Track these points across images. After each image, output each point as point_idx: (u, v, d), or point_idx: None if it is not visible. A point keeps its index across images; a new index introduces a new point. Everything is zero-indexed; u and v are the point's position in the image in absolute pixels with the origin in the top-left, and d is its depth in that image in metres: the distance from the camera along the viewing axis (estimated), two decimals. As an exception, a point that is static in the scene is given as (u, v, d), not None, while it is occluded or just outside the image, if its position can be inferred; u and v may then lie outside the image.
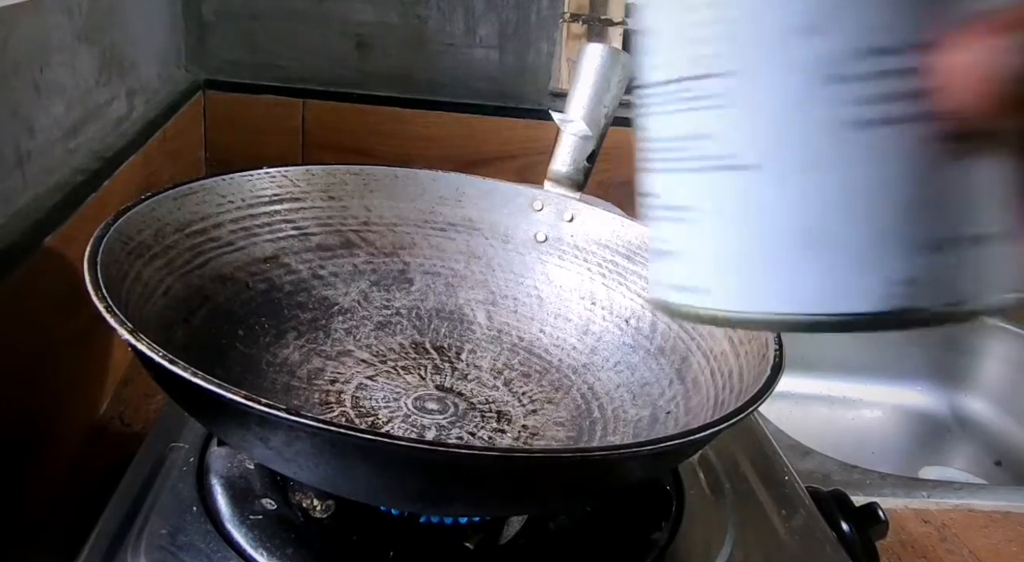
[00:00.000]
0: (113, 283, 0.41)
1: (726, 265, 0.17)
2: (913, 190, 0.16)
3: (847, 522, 0.51)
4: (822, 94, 0.16)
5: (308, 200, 0.59)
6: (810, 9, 0.15)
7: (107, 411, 0.65)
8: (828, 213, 0.16)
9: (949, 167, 0.16)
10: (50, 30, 0.59)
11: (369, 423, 0.48)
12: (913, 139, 0.15)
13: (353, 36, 0.98)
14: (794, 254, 0.16)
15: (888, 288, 0.16)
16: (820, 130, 0.16)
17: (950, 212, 0.16)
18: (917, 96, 0.15)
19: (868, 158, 0.16)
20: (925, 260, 0.16)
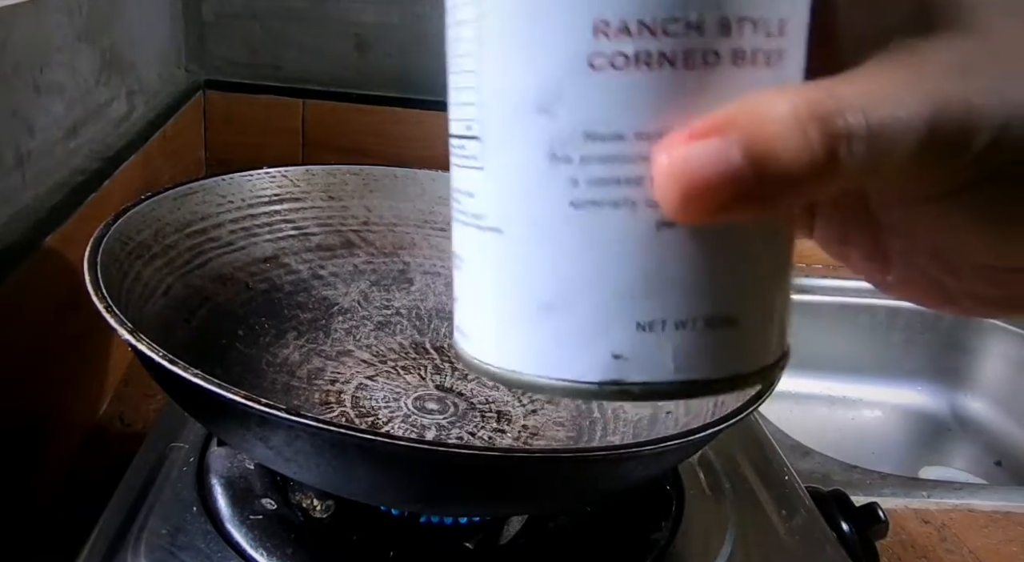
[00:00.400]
0: (113, 283, 0.41)
1: (480, 317, 0.19)
2: (627, 271, 0.17)
3: (847, 522, 0.51)
4: (550, 172, 0.16)
5: (308, 200, 0.59)
6: (541, 90, 0.16)
7: (107, 411, 0.65)
8: (558, 284, 0.17)
9: (661, 252, 0.17)
10: (50, 30, 0.59)
11: (369, 423, 0.48)
12: (628, 223, 0.16)
13: (353, 36, 0.98)
14: (531, 318, 0.18)
15: (605, 361, 0.17)
16: (549, 206, 0.17)
17: (661, 295, 0.17)
18: (630, 183, 0.16)
19: (589, 237, 0.17)
20: (634, 338, 0.17)
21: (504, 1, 0.16)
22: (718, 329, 0.17)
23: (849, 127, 0.15)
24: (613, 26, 0.15)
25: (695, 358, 0.17)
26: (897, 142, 0.15)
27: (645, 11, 0.15)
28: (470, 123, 0.18)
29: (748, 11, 0.16)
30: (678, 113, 0.16)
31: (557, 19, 0.16)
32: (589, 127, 0.16)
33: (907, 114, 0.15)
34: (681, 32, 0.15)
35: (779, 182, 0.15)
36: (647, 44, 0.15)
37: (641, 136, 0.16)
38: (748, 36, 0.16)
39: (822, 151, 0.15)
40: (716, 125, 0.15)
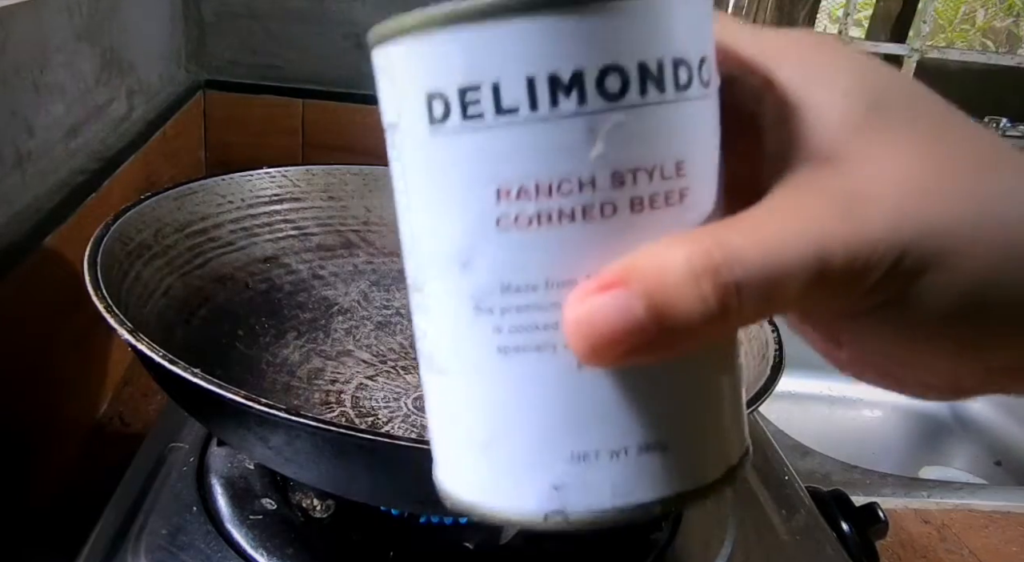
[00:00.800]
0: (113, 283, 0.41)
1: (439, 448, 0.20)
2: (554, 408, 0.18)
3: (847, 522, 0.51)
4: (476, 321, 0.18)
5: (308, 200, 0.59)
6: (460, 248, 0.18)
7: (107, 411, 0.65)
8: (496, 423, 0.18)
9: (585, 388, 0.18)
10: (50, 30, 0.59)
11: (369, 423, 0.48)
12: (550, 365, 0.18)
13: (353, 36, 0.98)
14: (476, 454, 0.19)
15: (544, 492, 0.18)
16: (480, 352, 0.18)
17: (591, 428, 0.18)
18: (548, 328, 0.17)
19: (517, 379, 0.18)
20: (571, 469, 0.18)
21: (422, 173, 0.18)
22: (651, 454, 0.18)
23: (737, 279, 0.16)
24: (513, 190, 0.17)
25: (632, 484, 0.18)
26: (786, 286, 0.16)
27: (541, 175, 0.17)
28: (415, 275, 0.19)
29: (640, 161, 0.17)
30: (583, 262, 0.17)
31: (465, 187, 0.17)
32: (505, 280, 0.17)
33: (796, 258, 0.16)
34: (575, 190, 0.17)
35: (679, 331, 0.16)
36: (545, 204, 0.17)
37: (551, 285, 0.17)
38: (643, 184, 0.17)
39: (715, 303, 0.16)
40: (618, 278, 0.16)
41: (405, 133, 0.18)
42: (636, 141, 0.17)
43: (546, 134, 0.17)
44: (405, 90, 0.18)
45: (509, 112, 0.17)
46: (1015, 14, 3.43)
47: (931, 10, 1.20)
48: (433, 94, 0.17)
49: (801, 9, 1.84)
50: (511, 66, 0.16)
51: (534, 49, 0.16)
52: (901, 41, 1.26)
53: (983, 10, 3.46)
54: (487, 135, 0.17)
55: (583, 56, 0.16)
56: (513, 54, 0.16)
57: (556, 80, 0.16)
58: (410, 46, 0.17)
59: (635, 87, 0.17)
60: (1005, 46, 3.34)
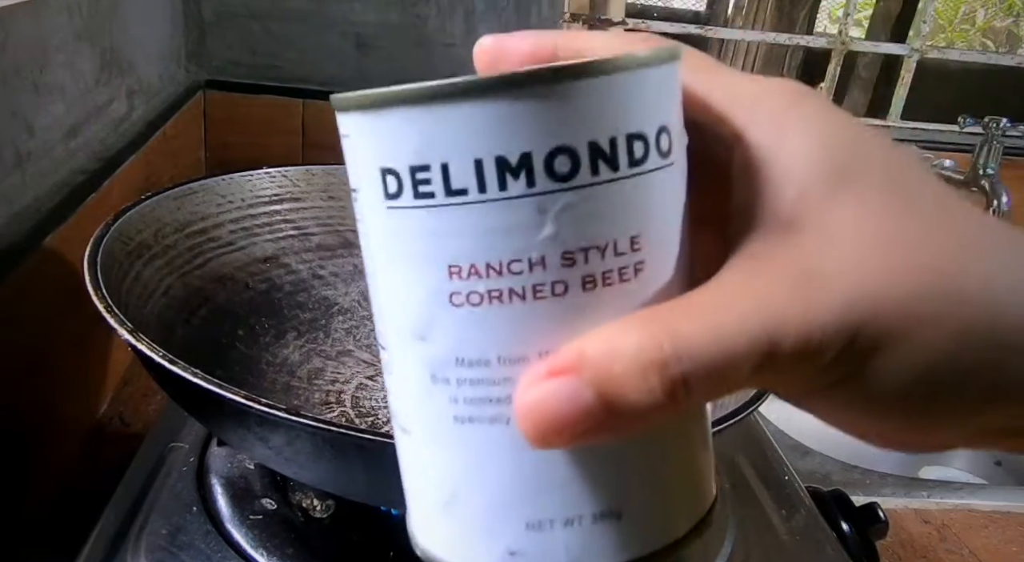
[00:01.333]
0: (113, 283, 0.41)
1: (409, 505, 0.20)
2: (508, 477, 0.18)
3: (847, 522, 0.51)
4: (433, 390, 0.18)
5: (308, 200, 0.59)
6: (417, 320, 0.18)
7: (107, 411, 0.65)
8: (454, 486, 0.19)
9: (537, 461, 0.18)
10: (50, 30, 0.59)
11: (369, 423, 0.48)
12: (503, 436, 0.18)
13: (353, 36, 0.98)
14: (438, 512, 0.19)
15: (500, 556, 0.18)
16: (437, 419, 0.18)
17: (544, 498, 0.18)
18: (500, 402, 0.18)
19: (473, 448, 0.18)
20: (526, 536, 0.18)
21: (381, 242, 0.18)
22: (606, 522, 0.18)
23: (684, 371, 0.16)
24: (464, 269, 0.17)
25: (587, 551, 0.18)
26: (736, 370, 0.17)
27: (491, 255, 0.17)
28: (380, 336, 0.20)
29: (591, 240, 0.17)
30: (534, 340, 0.17)
31: (418, 263, 0.18)
32: (459, 353, 0.18)
33: (746, 342, 0.16)
34: (525, 270, 0.17)
35: (627, 416, 0.16)
36: (496, 283, 0.17)
37: (503, 361, 0.17)
38: (595, 262, 0.17)
39: (663, 394, 0.16)
40: (568, 365, 0.17)
41: (364, 201, 0.18)
42: (587, 220, 0.17)
43: (495, 215, 0.17)
44: (363, 161, 0.18)
45: (458, 193, 0.17)
46: (1015, 14, 3.43)
47: (931, 10, 1.20)
48: (387, 170, 0.17)
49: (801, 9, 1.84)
50: (459, 148, 0.16)
51: (481, 132, 0.16)
52: (901, 41, 1.26)
53: (983, 10, 3.46)
54: (437, 214, 0.17)
55: (531, 139, 0.16)
56: (462, 136, 0.16)
57: (504, 162, 0.16)
58: (366, 121, 0.18)
59: (586, 166, 0.16)
60: (1005, 46, 3.34)
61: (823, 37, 1.31)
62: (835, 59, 1.19)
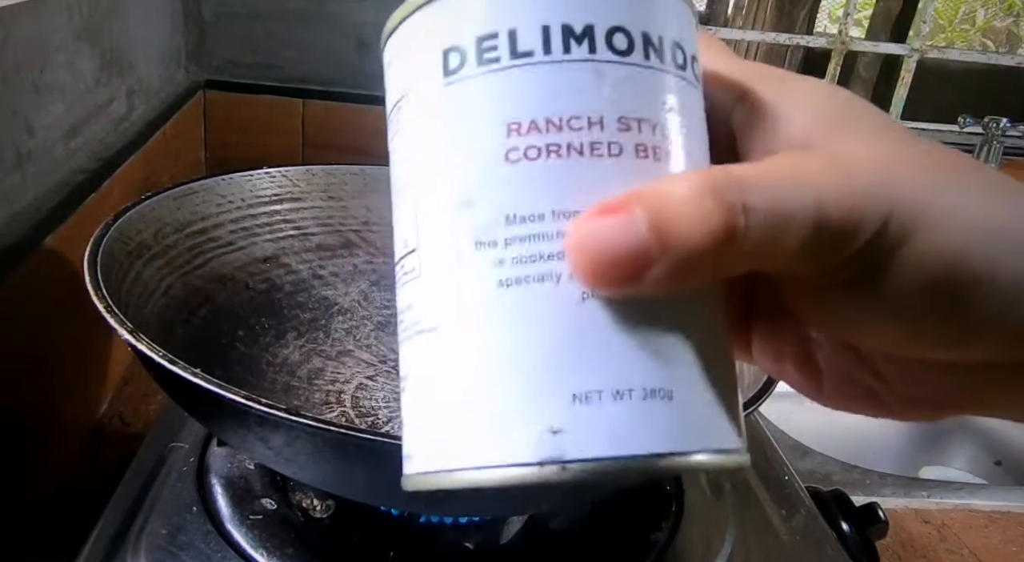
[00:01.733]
0: (113, 283, 0.41)
1: (422, 427, 0.19)
2: (556, 342, 0.17)
3: (847, 522, 0.51)
4: (474, 258, 0.18)
5: (308, 200, 0.59)
6: (465, 186, 0.18)
7: (107, 411, 0.65)
8: (492, 366, 0.18)
9: (587, 322, 0.17)
10: (50, 30, 0.59)
11: (369, 423, 0.48)
12: (553, 296, 0.17)
13: (353, 36, 0.98)
14: (468, 407, 0.18)
15: (540, 436, 0.17)
16: (475, 290, 0.18)
17: (593, 365, 0.17)
18: (552, 258, 0.17)
19: (517, 313, 0.17)
20: (571, 410, 0.17)
21: (430, 125, 0.19)
22: (655, 401, 0.17)
23: (744, 199, 0.16)
24: (524, 125, 0.18)
25: (634, 431, 0.17)
26: (789, 223, 0.17)
27: (551, 111, 0.18)
28: (407, 238, 0.19)
29: (644, 113, 0.18)
30: (590, 195, 0.17)
31: (476, 127, 0.18)
32: (510, 211, 0.18)
33: (797, 202, 0.17)
34: (584, 127, 0.18)
35: (683, 253, 0.16)
36: (555, 137, 0.18)
37: (558, 214, 0.17)
38: (647, 133, 0.18)
39: (720, 220, 0.16)
40: (623, 202, 0.17)
41: (414, 95, 0.19)
42: (641, 95, 0.18)
43: (558, 74, 0.18)
44: (419, 56, 0.19)
45: (524, 55, 0.18)
46: (1015, 14, 3.43)
47: (931, 10, 1.20)
48: (450, 49, 0.18)
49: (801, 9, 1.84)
50: (528, 15, 0.18)
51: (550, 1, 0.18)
52: (901, 41, 1.26)
53: (983, 10, 3.46)
54: (501, 76, 0.18)
55: (594, 13, 0.18)
56: (530, 4, 0.18)
57: (569, 29, 0.18)
58: (429, 12, 0.19)
59: (639, 50, 0.18)
60: (1005, 46, 3.34)
61: (823, 37, 1.31)
62: (835, 59, 1.19)
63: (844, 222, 0.17)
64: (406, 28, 0.20)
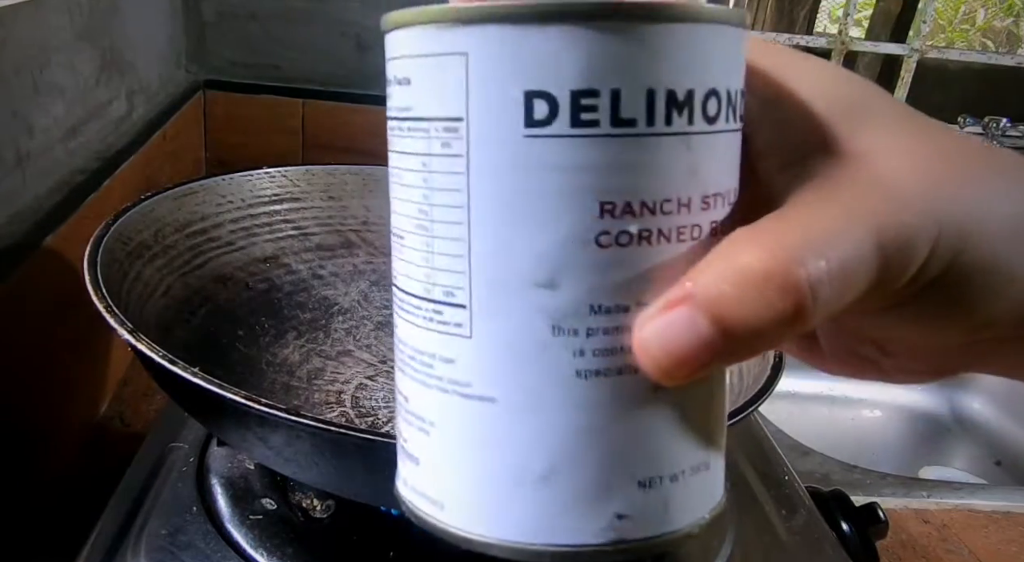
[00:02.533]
0: (113, 283, 0.41)
1: (462, 486, 0.19)
2: (629, 434, 0.17)
3: (847, 522, 0.51)
4: (551, 343, 0.17)
5: (308, 200, 0.59)
6: (546, 266, 0.17)
7: (107, 411, 0.65)
8: (555, 452, 0.17)
9: (656, 413, 0.17)
10: (50, 30, 0.59)
11: (369, 423, 0.48)
12: (628, 388, 0.17)
13: (353, 36, 0.98)
14: (528, 488, 0.18)
15: (607, 523, 0.17)
16: (548, 376, 0.17)
17: (658, 452, 0.18)
18: (631, 350, 0.17)
19: (593, 404, 0.17)
20: (636, 496, 0.18)
21: (504, 179, 0.16)
22: (699, 475, 0.18)
23: (809, 275, 0.16)
24: (619, 206, 0.16)
25: (684, 506, 0.18)
26: (857, 276, 0.16)
27: (648, 193, 0.16)
28: (453, 290, 0.17)
29: (720, 187, 0.17)
30: (672, 282, 0.17)
31: (563, 199, 0.16)
32: (594, 300, 0.17)
33: (857, 247, 0.16)
34: (674, 210, 0.17)
35: (748, 337, 0.16)
36: (647, 223, 0.16)
37: (642, 305, 0.17)
38: (719, 209, 0.17)
39: (788, 307, 0.16)
40: (679, 296, 0.16)
41: (481, 131, 0.16)
42: (718, 166, 0.17)
43: (658, 151, 0.16)
44: (490, 83, 0.16)
45: (626, 124, 0.16)
46: (1015, 14, 3.43)
47: (931, 10, 1.20)
48: (535, 93, 0.16)
49: (801, 9, 1.84)
50: (634, 75, 0.16)
51: (658, 62, 0.16)
52: (901, 41, 1.26)
53: (983, 10, 3.46)
54: (598, 145, 0.16)
55: (696, 76, 0.16)
56: (638, 64, 0.16)
57: (672, 97, 0.16)
58: (505, 36, 0.16)
59: (724, 112, 0.17)
60: (1005, 46, 3.34)
61: (823, 37, 1.31)
62: (835, 59, 1.19)
63: (904, 256, 0.17)
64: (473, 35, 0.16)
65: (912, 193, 0.17)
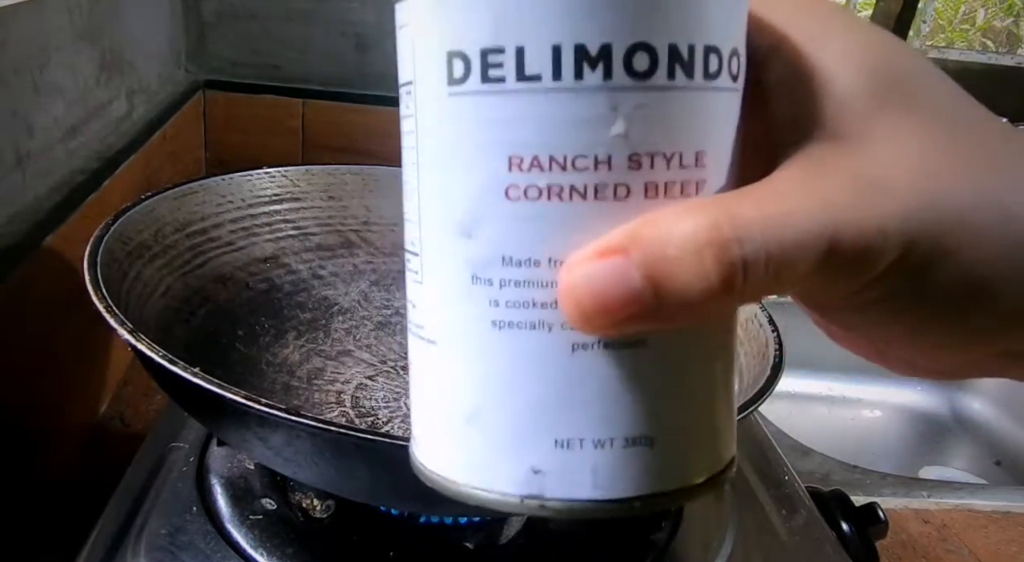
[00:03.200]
0: (113, 283, 0.41)
1: (424, 425, 0.19)
2: (543, 390, 0.17)
3: (847, 522, 0.51)
4: (472, 292, 0.17)
5: (308, 200, 0.59)
6: (464, 215, 0.17)
7: (107, 411, 0.65)
8: (482, 397, 0.18)
9: (576, 373, 0.17)
10: (50, 30, 0.59)
11: (369, 423, 0.48)
12: (543, 344, 0.17)
13: (353, 36, 0.98)
14: (459, 428, 0.18)
15: (523, 474, 0.18)
16: (473, 324, 0.18)
17: (578, 414, 0.17)
18: (545, 307, 0.17)
19: (508, 356, 0.17)
20: (553, 454, 0.17)
21: (435, 132, 0.17)
22: (636, 449, 0.18)
23: (745, 256, 0.15)
24: (526, 161, 0.16)
25: (614, 477, 0.18)
26: (794, 266, 0.16)
27: (556, 147, 0.16)
28: (413, 240, 0.19)
29: (659, 146, 0.16)
30: (589, 242, 0.16)
31: (477, 152, 0.17)
32: (507, 252, 0.17)
33: (807, 238, 0.16)
34: (590, 167, 0.16)
35: (677, 303, 0.16)
36: (558, 178, 0.16)
37: (555, 262, 0.17)
38: (660, 170, 0.16)
39: (717, 279, 0.15)
40: (618, 245, 0.16)
41: (421, 91, 0.18)
42: (658, 125, 0.16)
43: (567, 106, 0.16)
44: (425, 47, 0.17)
45: (531, 79, 0.16)
46: (1015, 14, 3.43)
47: (931, 10, 1.20)
48: (454, 53, 0.17)
49: (801, 9, 1.84)
50: (538, 31, 0.16)
51: (563, 16, 0.16)
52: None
53: (983, 10, 3.46)
54: (505, 100, 0.16)
55: (613, 30, 0.16)
56: (541, 19, 0.16)
57: (583, 51, 0.16)
58: (431, 4, 0.17)
59: (663, 68, 0.16)
60: (1005, 46, 3.34)
61: (823, 37, 1.31)
62: (835, 59, 1.19)
63: (858, 256, 0.16)
64: (414, 5, 0.17)
65: (898, 194, 0.17)
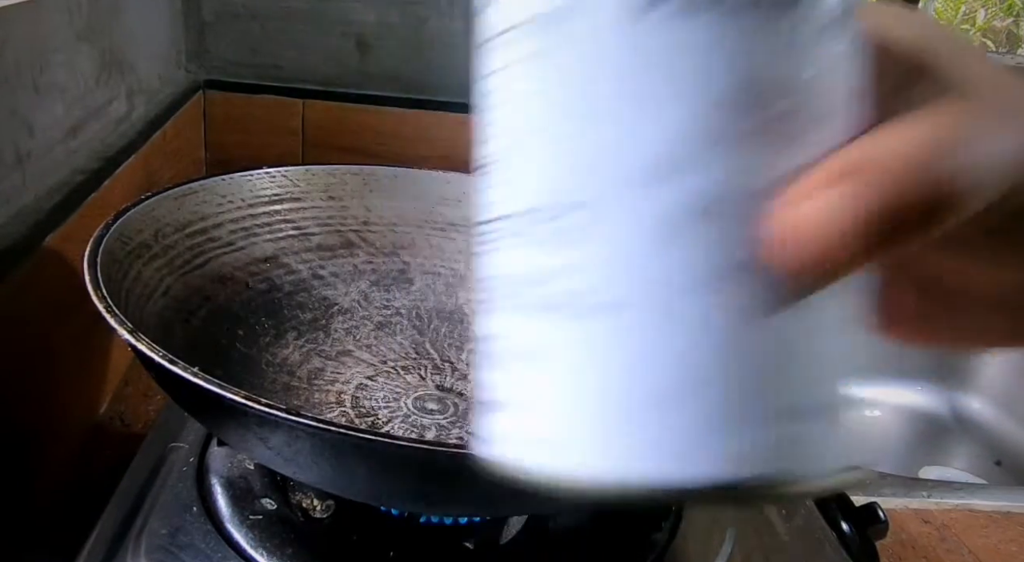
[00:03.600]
0: (113, 283, 0.41)
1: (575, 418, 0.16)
2: (763, 356, 0.15)
3: (847, 522, 0.51)
4: (678, 238, 0.15)
5: (308, 200, 0.59)
6: (668, 153, 0.15)
7: (107, 411, 0.65)
8: (683, 373, 0.15)
9: (797, 335, 0.16)
10: (50, 30, 0.59)
11: (369, 423, 0.48)
12: (752, 303, 0.15)
13: (353, 36, 0.98)
14: (648, 411, 0.16)
15: (721, 457, 0.15)
16: (678, 275, 0.15)
17: (796, 382, 0.16)
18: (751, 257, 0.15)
19: (712, 322, 0.15)
20: (757, 431, 0.15)
21: (614, 68, 0.15)
22: (839, 415, 0.16)
23: (974, 156, 0.15)
24: (745, 90, 0.15)
25: (824, 448, 0.16)
26: (1006, 171, 0.15)
27: (776, 73, 0.15)
28: (561, 189, 0.16)
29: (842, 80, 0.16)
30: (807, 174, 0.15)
31: (683, 83, 0.15)
32: (719, 191, 0.15)
33: (1006, 140, 0.15)
34: (796, 92, 0.15)
35: (907, 225, 0.15)
36: (774, 106, 0.15)
37: (769, 195, 0.15)
38: (864, 104, 0.16)
39: (949, 187, 0.15)
40: (843, 171, 0.15)
41: (580, 21, 0.15)
42: (841, 57, 0.16)
43: (789, 31, 0.15)
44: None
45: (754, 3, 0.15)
46: (1015, 14, 3.43)
47: (931, 10, 1.20)
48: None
49: (801, 9, 1.84)
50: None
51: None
52: (901, 41, 1.25)
53: (983, 10, 3.46)
54: (724, 24, 0.14)
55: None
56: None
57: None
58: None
59: (850, 6, 0.16)
60: (1005, 46, 3.34)
61: (823, 37, 1.32)
62: (835, 59, 1.19)
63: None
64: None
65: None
